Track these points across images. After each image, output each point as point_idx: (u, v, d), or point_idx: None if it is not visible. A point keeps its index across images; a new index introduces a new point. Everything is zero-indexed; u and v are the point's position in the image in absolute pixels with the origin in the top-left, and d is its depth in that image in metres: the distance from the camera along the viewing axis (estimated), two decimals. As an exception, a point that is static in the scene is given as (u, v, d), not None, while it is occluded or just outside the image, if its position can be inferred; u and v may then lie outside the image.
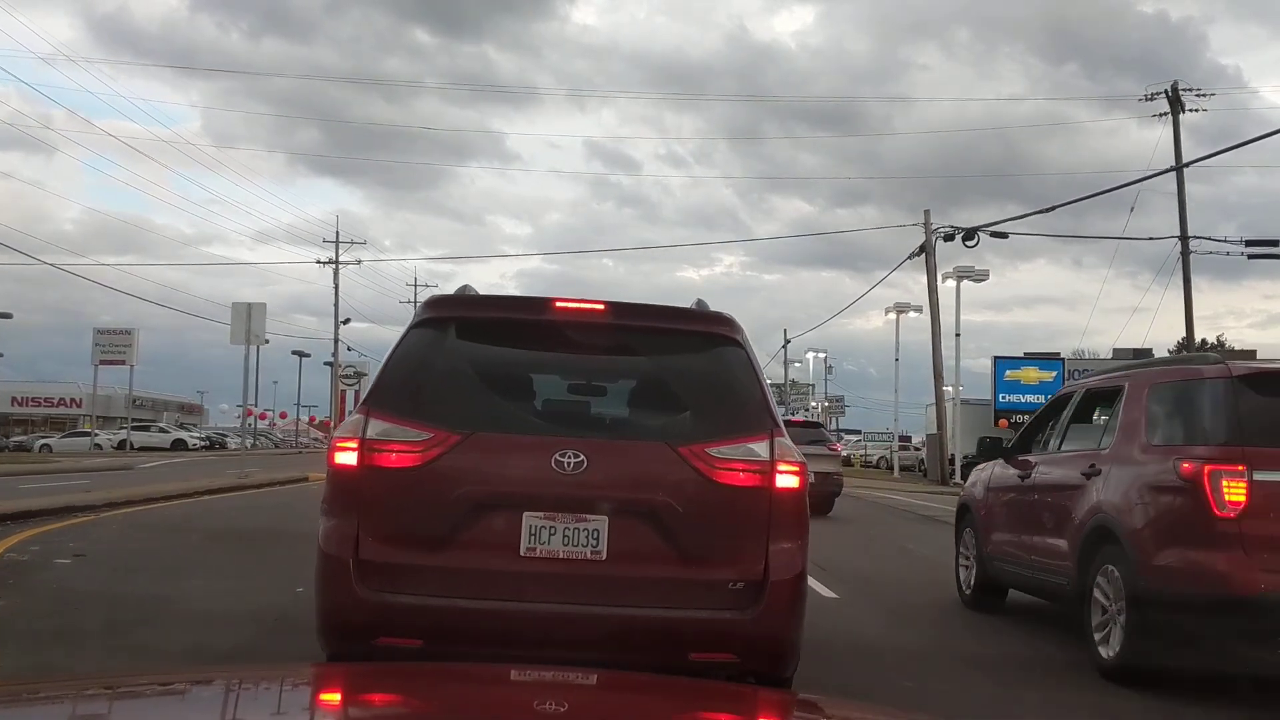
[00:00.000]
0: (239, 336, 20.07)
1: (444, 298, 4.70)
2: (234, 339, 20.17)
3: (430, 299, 4.73)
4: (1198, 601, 5.46)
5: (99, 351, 49.51)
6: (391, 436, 4.05)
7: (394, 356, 4.33)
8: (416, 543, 4.03)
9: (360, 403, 4.37)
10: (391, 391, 4.21)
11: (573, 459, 4.00)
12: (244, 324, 19.97)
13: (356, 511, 4.05)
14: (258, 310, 20.19)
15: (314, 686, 2.09)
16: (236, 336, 20.11)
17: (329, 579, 4.06)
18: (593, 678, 2.15)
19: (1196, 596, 5.47)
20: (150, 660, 5.58)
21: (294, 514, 14.47)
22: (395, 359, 4.32)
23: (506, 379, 4.56)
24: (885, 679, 5.68)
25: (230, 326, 20.23)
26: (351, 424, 4.17)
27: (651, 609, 3.98)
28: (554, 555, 3.98)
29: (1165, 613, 5.57)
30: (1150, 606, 5.63)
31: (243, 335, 19.97)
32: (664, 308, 4.66)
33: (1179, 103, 32.47)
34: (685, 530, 4.04)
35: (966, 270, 33.65)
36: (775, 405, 4.43)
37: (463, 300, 4.60)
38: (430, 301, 4.66)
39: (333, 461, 4.14)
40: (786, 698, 2.91)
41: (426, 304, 4.64)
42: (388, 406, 4.13)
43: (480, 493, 4.02)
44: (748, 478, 4.09)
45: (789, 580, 4.09)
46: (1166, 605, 5.56)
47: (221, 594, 7.67)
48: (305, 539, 12.93)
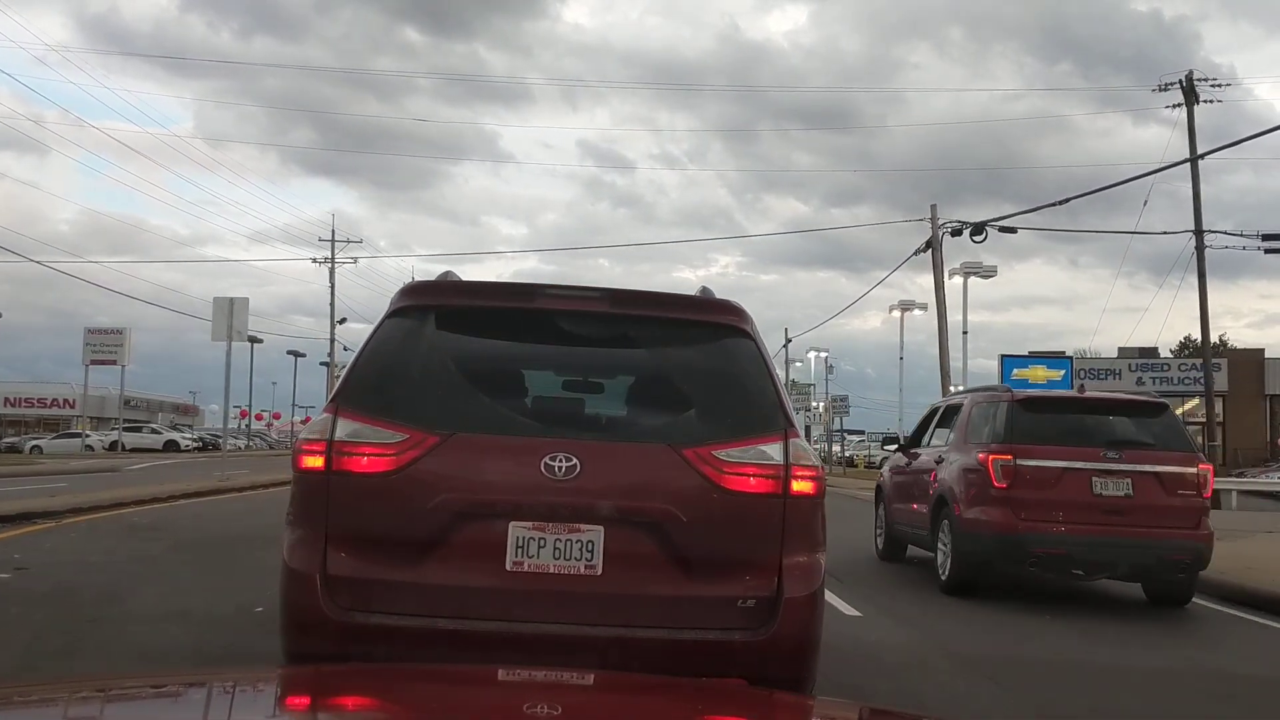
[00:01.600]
0: (220, 333, 19.05)
1: (422, 284, 4.26)
2: (215, 335, 19.13)
3: (407, 286, 4.27)
4: (986, 540, 8.95)
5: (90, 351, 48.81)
6: (362, 438, 3.69)
7: (366, 349, 3.95)
8: (390, 556, 3.66)
9: (328, 400, 3.92)
10: (363, 388, 3.83)
11: (565, 463, 3.65)
12: (226, 320, 18.95)
13: (324, 521, 3.69)
14: (240, 305, 19.14)
15: (305, 688, 2.05)
16: (218, 333, 19.07)
17: (293, 596, 3.70)
18: (589, 678, 2.14)
19: (986, 537, 8.94)
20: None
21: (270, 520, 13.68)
22: (368, 352, 3.93)
23: (492, 374, 4.11)
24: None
25: (211, 322, 19.24)
26: (318, 424, 3.79)
27: (652, 629, 3.63)
28: (544, 570, 3.63)
29: (970, 547, 9.11)
30: (964, 544, 9.15)
31: (224, 331, 18.95)
32: (666, 295, 4.23)
33: (1193, 93, 31.65)
34: (690, 542, 3.69)
35: (974, 266, 32.76)
36: (789, 403, 4.04)
37: (443, 287, 4.17)
38: (407, 289, 4.20)
39: (298, 465, 3.78)
40: (783, 698, 2.85)
41: (403, 291, 4.17)
42: (359, 404, 3.76)
43: (461, 500, 3.66)
44: (759, 483, 3.74)
45: (805, 597, 3.74)
46: (971, 543, 9.09)
47: (167, 617, 6.75)
48: (276, 547, 11.91)
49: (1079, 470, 8.84)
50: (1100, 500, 8.78)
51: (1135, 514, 8.78)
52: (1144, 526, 8.74)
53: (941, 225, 32.04)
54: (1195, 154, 31.11)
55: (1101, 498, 8.79)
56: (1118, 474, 8.84)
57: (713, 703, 2.11)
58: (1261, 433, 45.83)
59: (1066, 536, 8.69)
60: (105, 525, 12.54)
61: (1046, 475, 8.86)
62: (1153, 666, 6.86)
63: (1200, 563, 8.97)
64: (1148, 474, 8.88)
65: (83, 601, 7.27)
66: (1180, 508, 8.93)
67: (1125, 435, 9.24)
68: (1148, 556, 8.80)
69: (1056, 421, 9.37)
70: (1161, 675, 6.64)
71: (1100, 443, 9.01)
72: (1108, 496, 8.80)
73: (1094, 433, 9.22)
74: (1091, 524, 8.70)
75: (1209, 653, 7.53)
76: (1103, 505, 8.78)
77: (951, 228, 31.41)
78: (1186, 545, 8.84)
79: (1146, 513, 8.79)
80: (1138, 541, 8.69)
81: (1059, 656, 6.93)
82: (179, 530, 12.19)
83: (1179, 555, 8.83)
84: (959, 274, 32.98)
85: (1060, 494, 8.80)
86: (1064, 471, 8.85)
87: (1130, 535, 8.69)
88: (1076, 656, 6.97)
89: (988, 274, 32.97)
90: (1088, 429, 9.29)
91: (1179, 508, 8.92)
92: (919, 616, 8.26)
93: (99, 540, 11.01)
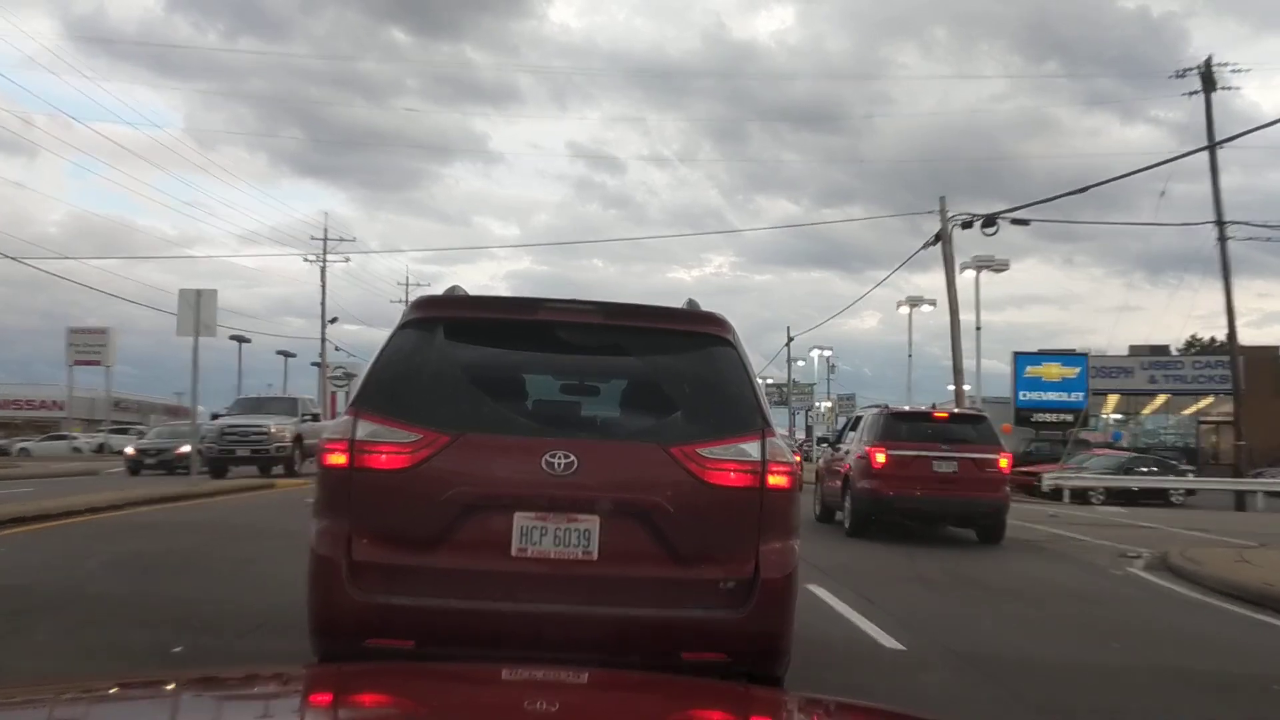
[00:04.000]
0: (187, 327, 17.71)
1: (432, 298, 4.58)
2: (181, 330, 17.79)
3: (419, 299, 4.60)
4: (869, 502, 13.97)
5: (73, 351, 47.94)
6: (380, 438, 4.04)
7: (382, 357, 4.28)
8: (408, 544, 4.01)
9: (349, 404, 4.28)
10: (380, 392, 4.16)
11: (563, 460, 4.01)
12: (192, 313, 17.60)
13: (347, 513, 4.04)
14: (208, 297, 17.75)
15: (308, 687, 2.09)
16: (184, 327, 17.74)
17: (321, 580, 4.02)
18: (584, 676, 2.17)
19: (869, 500, 13.95)
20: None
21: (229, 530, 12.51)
22: (383, 360, 4.27)
23: (496, 380, 4.46)
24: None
25: (177, 316, 17.90)
26: (341, 425, 4.16)
27: (643, 609, 3.98)
28: (545, 556, 3.99)
29: (860, 506, 14.06)
30: (857, 504, 14.14)
31: (190, 326, 17.65)
32: (655, 308, 4.61)
33: (1212, 80, 30.50)
34: (676, 530, 4.04)
35: (986, 260, 31.45)
36: (766, 405, 4.41)
37: (451, 301, 4.54)
38: (418, 302, 4.55)
39: (323, 462, 4.13)
40: (777, 696, 2.97)
41: (415, 304, 4.53)
42: (376, 407, 4.11)
43: (470, 494, 4.02)
44: (739, 478, 4.11)
45: (780, 579, 4.12)
46: (861, 504, 14.04)
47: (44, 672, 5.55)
48: (229, 564, 10.34)
49: (925, 456, 13.82)
50: (939, 475, 13.75)
51: (960, 483, 13.72)
52: (966, 491, 13.73)
53: (952, 217, 30.81)
54: (1214, 141, 29.99)
55: (939, 473, 13.76)
56: (949, 459, 13.83)
57: (706, 701, 2.17)
58: (1277, 431, 44.54)
59: (919, 498, 13.74)
60: (30, 542, 11.22)
61: (905, 460, 13.82)
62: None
63: (1001, 513, 13.89)
64: (968, 459, 13.83)
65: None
66: (989, 479, 13.88)
67: (955, 435, 14.19)
68: (968, 510, 13.96)
69: (913, 427, 14.36)
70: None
71: (939, 439, 14.06)
72: (943, 472, 13.78)
73: (936, 433, 14.23)
74: (934, 490, 13.69)
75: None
76: (940, 478, 13.73)
77: (962, 220, 30.20)
78: (993, 502, 13.84)
79: (967, 483, 13.74)
80: (962, 500, 13.78)
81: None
82: (122, 544, 10.88)
83: (988, 509, 13.86)
84: (970, 268, 31.66)
85: (914, 471, 13.74)
86: (916, 457, 13.82)
87: (958, 496, 13.73)
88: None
89: (1000, 268, 31.71)
90: (933, 430, 14.28)
91: (988, 479, 13.88)
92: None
93: (9, 559, 9.76)
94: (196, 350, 18.01)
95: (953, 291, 32.47)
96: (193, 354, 18.05)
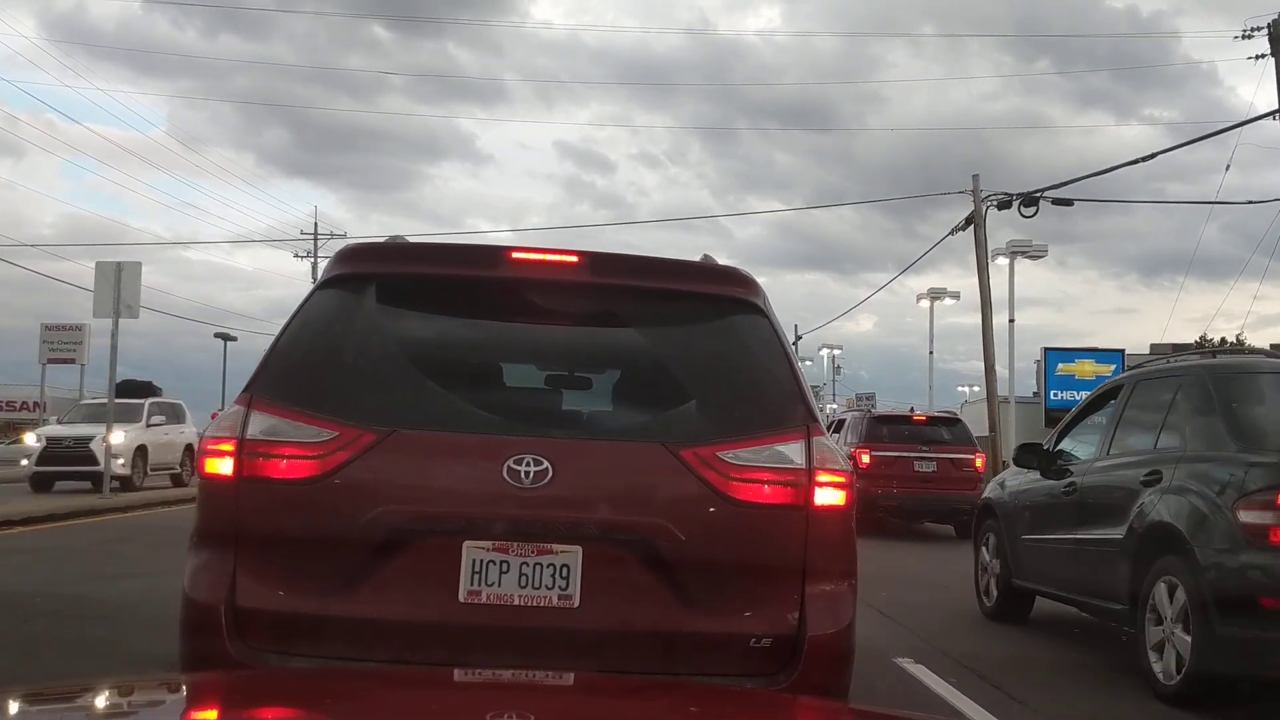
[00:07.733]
0: (105, 307, 14.78)
1: (361, 247, 3.77)
2: (98, 310, 14.79)
3: (343, 250, 3.58)
4: (862, 499, 13.11)
5: (46, 349, 45.05)
6: (281, 435, 3.05)
7: (291, 326, 3.26)
8: (315, 584, 3.02)
9: (242, 390, 3.15)
10: (284, 374, 3.17)
11: (533, 467, 3.04)
12: (111, 290, 14.76)
13: (233, 541, 3.05)
14: (129, 271, 14.71)
15: (270, 691, 1.94)
16: (102, 307, 14.74)
17: (194, 633, 3.05)
18: (569, 679, 2.06)
19: (862, 497, 13.41)
20: None
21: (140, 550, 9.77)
22: (292, 330, 3.25)
23: (443, 358, 3.45)
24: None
25: (94, 293, 14.97)
26: (228, 419, 3.12)
27: (642, 676, 2.91)
28: (506, 601, 3.01)
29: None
30: None
31: (109, 305, 14.83)
32: (661, 260, 3.64)
33: None
34: (688, 565, 3.08)
35: (1023, 245, 28.60)
36: (810, 393, 3.37)
37: (387, 250, 3.60)
38: (343, 253, 3.51)
39: (201, 471, 3.14)
40: (778, 698, 2.70)
41: (338, 256, 3.48)
42: (278, 394, 3.10)
43: (403, 514, 3.03)
44: (775, 492, 3.14)
45: (833, 635, 3.13)
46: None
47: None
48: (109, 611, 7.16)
49: (906, 457, 15.10)
50: (919, 474, 15.04)
51: (939, 482, 15.04)
52: (944, 489, 14.91)
53: (986, 197, 27.96)
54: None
55: (920, 473, 15.06)
56: (929, 459, 15.15)
57: (702, 701, 2.05)
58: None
59: (900, 496, 14.90)
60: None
61: (887, 460, 15.03)
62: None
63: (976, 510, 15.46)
64: (946, 459, 15.21)
65: None
66: (965, 478, 15.08)
67: (934, 437, 15.63)
68: (945, 506, 15.00)
69: (894, 429, 15.73)
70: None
71: (919, 441, 15.45)
72: (923, 472, 15.08)
73: (916, 435, 15.61)
74: (914, 489, 14.94)
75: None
76: (920, 477, 15.03)
77: (998, 200, 27.35)
78: (969, 499, 13.26)
79: (945, 481, 15.03)
80: (941, 497, 14.95)
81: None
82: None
83: (964, 505, 13.54)
84: (1004, 254, 28.86)
85: (895, 471, 14.95)
86: (897, 458, 15.08)
87: (936, 494, 14.97)
88: None
89: (1038, 254, 28.89)
90: (912, 432, 15.68)
91: (964, 478, 15.09)
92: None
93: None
94: (115, 334, 15.22)
95: (984, 278, 29.70)
96: (111, 338, 15.27)
